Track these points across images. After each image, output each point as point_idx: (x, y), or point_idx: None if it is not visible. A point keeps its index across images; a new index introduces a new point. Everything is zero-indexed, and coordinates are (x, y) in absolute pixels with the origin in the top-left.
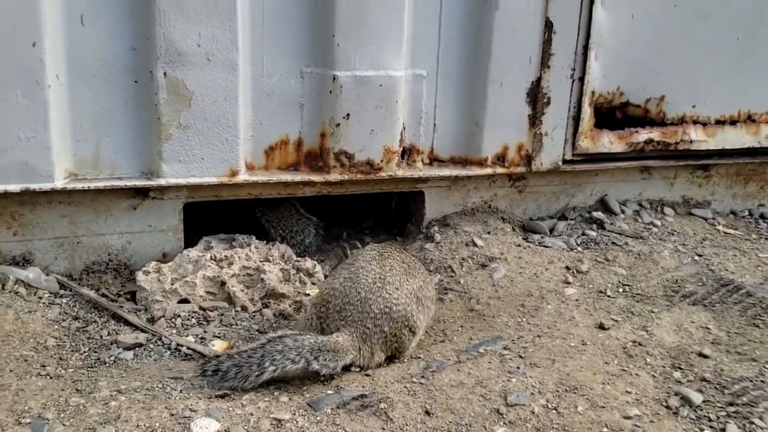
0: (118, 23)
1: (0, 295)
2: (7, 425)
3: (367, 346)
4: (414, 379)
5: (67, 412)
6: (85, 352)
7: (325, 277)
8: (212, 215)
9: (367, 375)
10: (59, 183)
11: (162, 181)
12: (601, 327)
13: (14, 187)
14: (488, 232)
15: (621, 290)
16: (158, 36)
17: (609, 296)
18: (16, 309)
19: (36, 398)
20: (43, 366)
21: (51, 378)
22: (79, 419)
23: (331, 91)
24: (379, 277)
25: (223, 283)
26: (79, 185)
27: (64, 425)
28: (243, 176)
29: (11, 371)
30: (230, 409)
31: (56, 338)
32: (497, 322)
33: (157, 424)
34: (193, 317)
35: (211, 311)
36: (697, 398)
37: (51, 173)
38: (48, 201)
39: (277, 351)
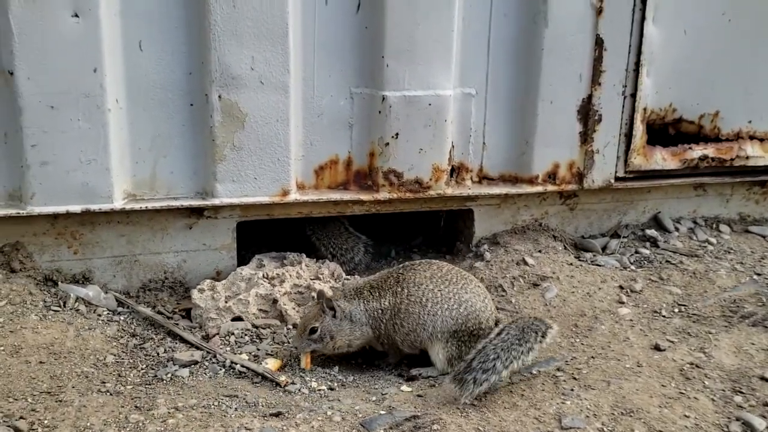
0: (174, 48)
1: (61, 313)
2: None
3: None
4: (466, 401)
5: (128, 429)
6: (142, 369)
7: None
8: (263, 233)
9: (419, 396)
10: (118, 203)
11: (216, 201)
12: (657, 348)
13: (75, 208)
14: (539, 251)
15: (676, 310)
16: (213, 60)
17: (664, 316)
18: (76, 326)
19: (97, 414)
20: (103, 382)
21: (111, 394)
22: None
23: (380, 111)
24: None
25: (275, 301)
26: (137, 205)
27: None
28: (294, 195)
29: (73, 387)
30: (284, 428)
31: (115, 355)
32: (551, 343)
33: None
34: (246, 335)
35: (264, 329)
36: (760, 424)
37: (110, 194)
38: (107, 221)
39: (516, 349)
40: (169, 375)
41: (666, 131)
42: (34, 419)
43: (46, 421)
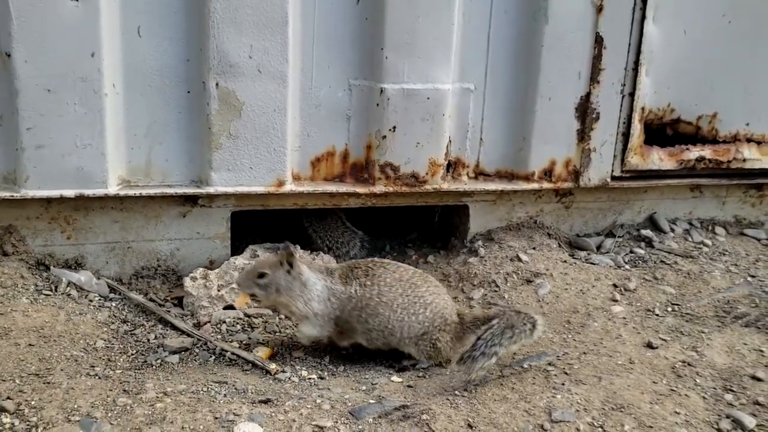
0: (173, 35)
1: (53, 297)
2: (57, 422)
3: None
4: (456, 392)
5: (115, 412)
6: (132, 354)
7: None
8: (259, 224)
9: (409, 386)
10: (112, 189)
11: (211, 189)
12: (649, 346)
13: (69, 193)
14: (533, 248)
15: (670, 309)
16: (211, 47)
17: (657, 315)
18: (67, 311)
19: (85, 397)
20: (92, 366)
21: (99, 378)
22: (126, 419)
23: (378, 104)
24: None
25: None
26: (131, 192)
27: (111, 424)
28: (289, 186)
29: (62, 370)
30: (273, 414)
31: (105, 340)
32: (542, 338)
33: (201, 427)
34: (238, 323)
35: (256, 318)
36: (750, 422)
37: (105, 179)
38: (101, 206)
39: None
40: (159, 361)
41: (664, 131)
42: (21, 400)
43: (33, 402)
